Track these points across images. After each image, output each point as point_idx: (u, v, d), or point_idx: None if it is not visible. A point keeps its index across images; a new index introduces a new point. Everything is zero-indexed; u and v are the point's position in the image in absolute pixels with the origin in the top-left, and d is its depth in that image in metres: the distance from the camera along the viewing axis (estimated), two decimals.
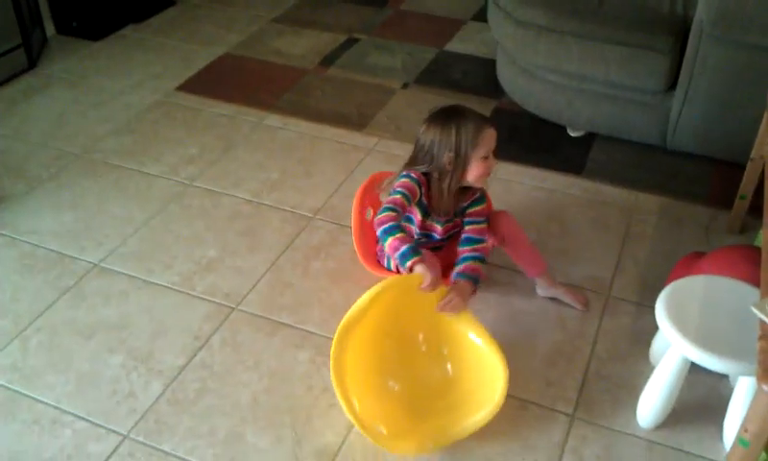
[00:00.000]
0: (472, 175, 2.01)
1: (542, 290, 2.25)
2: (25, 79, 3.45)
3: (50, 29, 3.84)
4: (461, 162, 1.98)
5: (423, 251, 1.93)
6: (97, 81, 3.44)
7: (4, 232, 2.52)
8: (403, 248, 1.87)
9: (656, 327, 1.87)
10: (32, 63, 3.52)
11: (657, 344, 2.02)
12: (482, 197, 2.13)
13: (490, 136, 1.99)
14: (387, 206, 1.95)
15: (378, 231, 1.93)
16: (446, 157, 1.97)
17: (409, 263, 1.87)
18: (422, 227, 2.11)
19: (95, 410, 1.93)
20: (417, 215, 2.08)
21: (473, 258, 2.02)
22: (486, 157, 1.99)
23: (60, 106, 3.25)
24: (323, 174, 2.80)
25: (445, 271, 2.05)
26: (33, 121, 3.14)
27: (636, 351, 2.08)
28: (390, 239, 1.89)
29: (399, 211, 1.96)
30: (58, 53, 3.68)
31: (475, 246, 2.05)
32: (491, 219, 2.16)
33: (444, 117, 1.99)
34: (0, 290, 2.30)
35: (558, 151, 2.93)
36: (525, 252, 2.20)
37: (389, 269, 2.16)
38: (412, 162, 2.04)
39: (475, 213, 2.11)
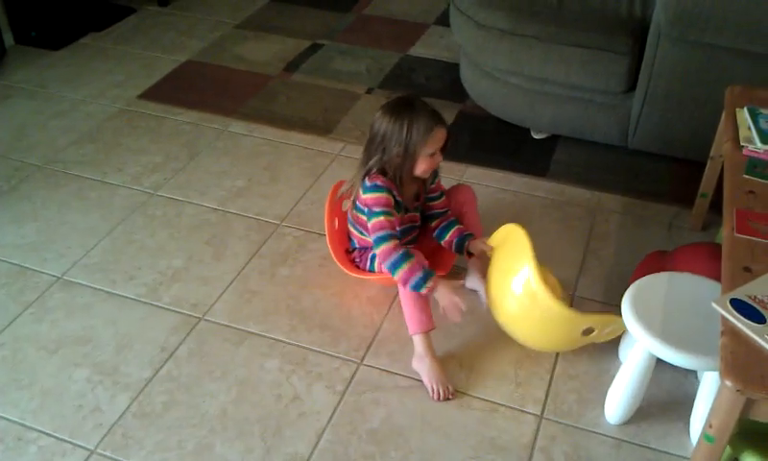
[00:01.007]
0: (419, 169, 2.07)
1: (472, 280, 2.27)
2: None
3: (8, 39, 3.77)
4: (409, 157, 2.03)
5: (433, 275, 1.99)
6: (57, 91, 3.39)
7: None
8: (413, 279, 1.96)
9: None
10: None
11: (625, 341, 2.04)
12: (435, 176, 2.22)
13: (439, 135, 2.04)
14: (381, 235, 2.01)
15: (386, 266, 1.99)
16: (396, 151, 2.02)
17: (425, 291, 1.97)
18: (403, 222, 2.14)
19: (61, 426, 1.90)
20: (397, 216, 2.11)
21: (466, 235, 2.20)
22: (433, 154, 2.05)
23: (20, 117, 3.19)
24: (289, 180, 2.79)
25: (427, 256, 2.09)
26: None
27: (603, 350, 2.10)
28: (399, 273, 1.97)
29: (395, 234, 2.02)
30: (17, 63, 3.62)
31: (459, 226, 2.22)
32: (450, 192, 2.32)
33: (398, 110, 2.03)
34: None
35: (522, 153, 2.96)
36: (475, 219, 2.29)
37: (371, 271, 2.21)
38: (366, 149, 2.09)
39: (435, 197, 2.24)
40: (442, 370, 2.00)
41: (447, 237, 2.22)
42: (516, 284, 1.92)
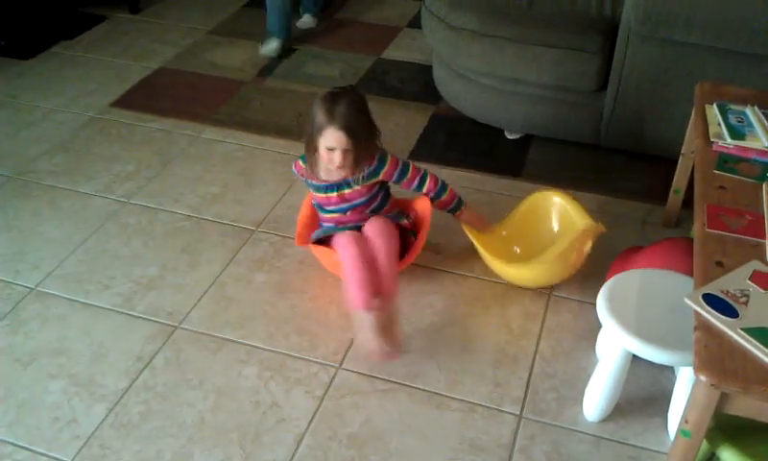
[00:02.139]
0: (322, 159, 2.16)
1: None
2: None
3: None
4: (312, 145, 2.15)
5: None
6: (28, 100, 3.34)
7: None
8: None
9: (599, 323, 1.90)
10: None
11: (602, 339, 2.06)
12: (381, 160, 2.23)
13: (331, 135, 2.09)
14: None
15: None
16: (307, 136, 2.17)
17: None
18: (341, 200, 2.24)
19: (37, 438, 1.88)
20: (326, 196, 2.24)
21: (438, 195, 2.31)
22: (331, 150, 2.11)
23: None
24: (264, 185, 2.78)
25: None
26: None
27: (580, 348, 2.11)
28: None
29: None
30: None
31: (434, 194, 2.31)
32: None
33: (318, 100, 2.13)
34: None
35: (496, 154, 2.97)
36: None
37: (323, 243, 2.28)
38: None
39: (388, 176, 2.25)
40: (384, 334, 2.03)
41: (445, 197, 2.33)
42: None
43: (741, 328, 1.41)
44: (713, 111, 2.13)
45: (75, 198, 2.72)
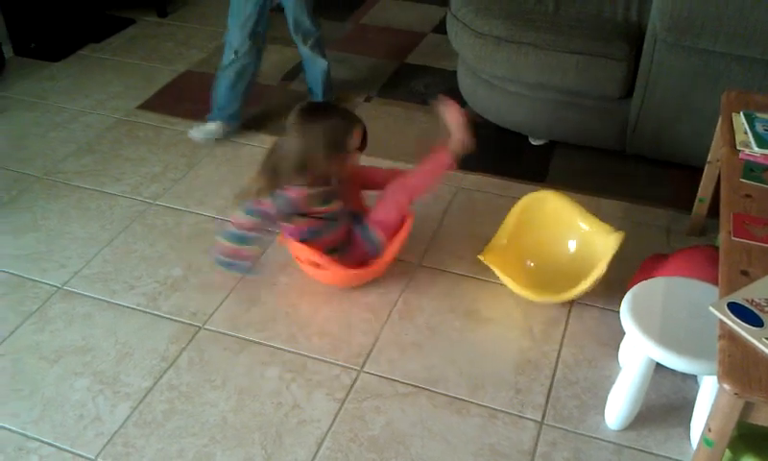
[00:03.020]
0: (351, 161, 2.27)
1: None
2: None
3: (8, 51, 3.78)
4: (338, 156, 2.20)
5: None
6: (57, 102, 3.40)
7: None
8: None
9: (621, 331, 1.90)
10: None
11: (625, 346, 2.05)
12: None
13: (359, 132, 2.22)
14: None
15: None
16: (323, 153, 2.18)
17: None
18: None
19: (61, 435, 1.90)
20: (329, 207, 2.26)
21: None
22: (358, 149, 2.25)
23: (19, 128, 3.20)
24: None
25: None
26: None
27: (603, 355, 2.10)
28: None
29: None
30: (16, 75, 3.63)
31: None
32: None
33: (319, 114, 2.24)
34: None
35: (520, 159, 2.97)
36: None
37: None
38: None
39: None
40: None
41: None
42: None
43: (766, 338, 1.40)
44: (740, 120, 2.11)
45: (102, 199, 2.76)
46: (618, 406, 1.86)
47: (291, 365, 2.09)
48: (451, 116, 2.29)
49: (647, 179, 2.83)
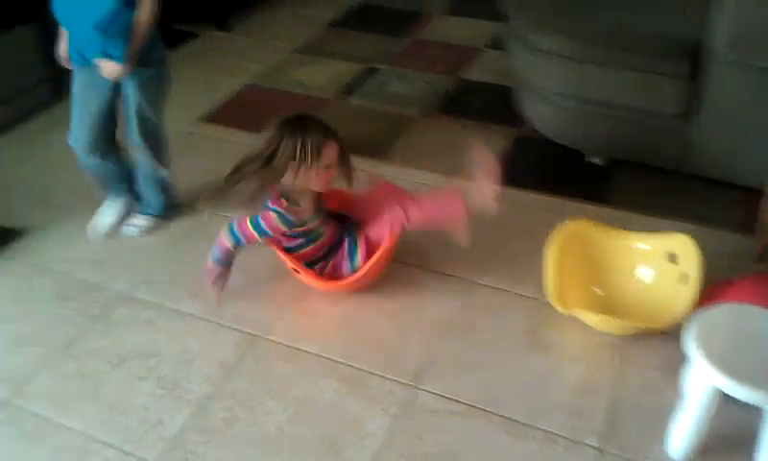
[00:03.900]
0: (318, 181, 2.24)
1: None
2: (52, 111, 3.51)
3: None
4: (305, 172, 2.19)
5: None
6: None
7: (34, 262, 2.56)
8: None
9: (682, 357, 1.87)
10: (58, 96, 3.58)
11: (687, 374, 2.01)
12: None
13: (332, 149, 2.21)
14: None
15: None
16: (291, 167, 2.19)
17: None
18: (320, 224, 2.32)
19: (124, 438, 1.95)
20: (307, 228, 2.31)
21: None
22: (329, 167, 2.23)
23: None
24: None
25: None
26: (60, 151, 3.17)
27: (663, 382, 2.07)
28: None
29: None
30: None
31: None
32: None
33: (293, 127, 2.18)
34: (32, 318, 2.33)
35: (577, 177, 2.95)
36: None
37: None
38: None
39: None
40: None
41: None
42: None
43: None
44: None
45: None
46: (681, 436, 1.83)
47: (347, 378, 2.11)
48: (484, 168, 2.22)
49: (708, 199, 2.79)
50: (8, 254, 2.60)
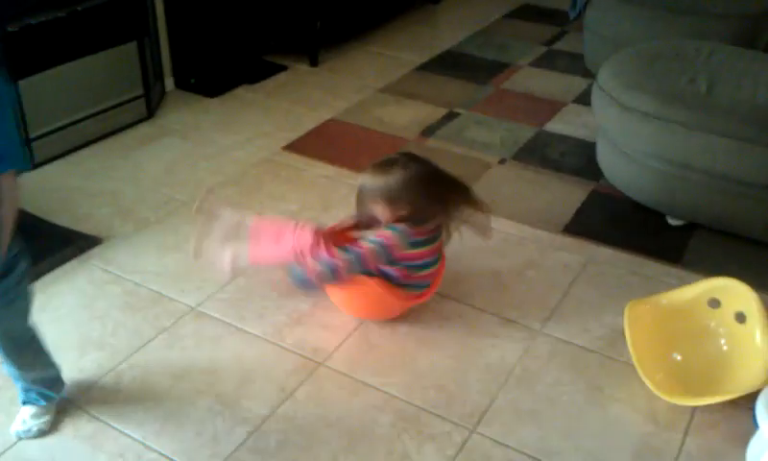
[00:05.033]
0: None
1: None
2: (143, 127, 3.66)
3: (170, 83, 4.07)
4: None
5: None
6: (209, 134, 3.61)
7: (110, 269, 2.65)
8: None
9: (751, 427, 1.78)
10: (150, 114, 3.74)
11: (755, 445, 1.92)
12: None
13: None
14: None
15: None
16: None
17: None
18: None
19: (179, 450, 1.98)
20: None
21: None
22: None
23: (172, 155, 3.42)
24: None
25: None
26: (146, 167, 3.32)
27: (730, 451, 1.98)
28: None
29: None
30: (175, 106, 3.90)
31: None
32: None
33: (415, 167, 2.39)
34: (101, 324, 2.40)
35: (656, 238, 2.88)
36: None
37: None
38: None
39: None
40: None
41: None
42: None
43: None
44: None
45: None
46: None
47: (404, 414, 2.09)
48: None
49: None
50: (85, 260, 2.70)
